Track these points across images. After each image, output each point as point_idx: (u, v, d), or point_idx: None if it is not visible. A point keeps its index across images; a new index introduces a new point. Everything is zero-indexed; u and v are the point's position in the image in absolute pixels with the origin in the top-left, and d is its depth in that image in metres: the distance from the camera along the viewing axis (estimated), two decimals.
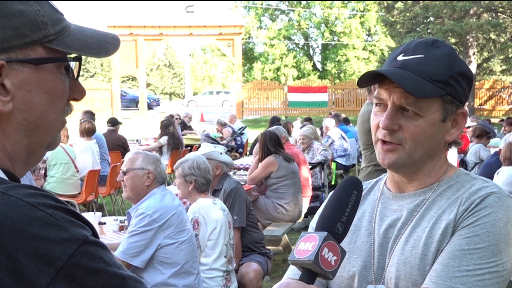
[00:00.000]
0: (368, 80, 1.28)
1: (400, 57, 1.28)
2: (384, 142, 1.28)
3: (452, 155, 6.18)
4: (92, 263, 0.80)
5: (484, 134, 7.92)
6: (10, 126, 0.90)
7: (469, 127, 9.20)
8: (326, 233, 1.09)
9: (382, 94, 1.27)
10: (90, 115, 8.80)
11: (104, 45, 0.97)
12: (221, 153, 4.78)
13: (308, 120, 12.64)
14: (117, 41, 1.00)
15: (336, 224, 1.11)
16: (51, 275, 0.77)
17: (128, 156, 3.62)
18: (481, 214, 1.18)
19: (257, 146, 7.05)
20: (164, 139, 10.00)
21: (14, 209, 0.78)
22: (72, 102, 1.00)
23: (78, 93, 0.99)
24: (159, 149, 9.97)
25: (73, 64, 0.97)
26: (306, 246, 1.08)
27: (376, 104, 1.31)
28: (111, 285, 0.82)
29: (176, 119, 13.29)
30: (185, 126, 13.82)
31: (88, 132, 7.80)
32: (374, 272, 1.30)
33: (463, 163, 8.01)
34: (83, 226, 0.83)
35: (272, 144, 6.33)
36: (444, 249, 1.19)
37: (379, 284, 1.28)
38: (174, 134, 10.08)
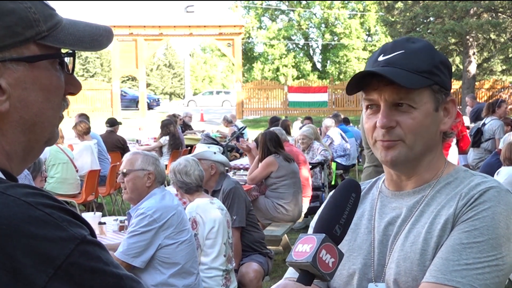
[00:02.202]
0: (356, 85, 1.29)
1: (381, 58, 1.30)
2: (383, 141, 1.29)
3: (453, 155, 6.15)
4: (90, 262, 0.80)
5: None
6: (7, 125, 0.90)
7: (468, 127, 9.19)
8: (324, 235, 1.09)
9: (372, 95, 1.29)
10: (85, 118, 8.76)
11: (97, 38, 0.97)
12: (214, 153, 4.77)
13: (308, 119, 12.62)
14: (110, 33, 0.99)
15: (335, 226, 1.12)
16: (49, 274, 0.77)
17: (126, 157, 3.59)
18: (480, 208, 1.19)
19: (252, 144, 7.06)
20: (164, 139, 9.97)
21: (12, 208, 0.78)
22: (72, 103, 1.00)
23: (73, 87, 0.99)
24: (159, 149, 9.94)
25: (67, 59, 0.97)
26: (304, 248, 1.08)
27: (367, 107, 1.32)
28: (108, 284, 0.82)
29: (180, 119, 13.32)
30: (186, 126, 13.82)
31: (84, 132, 7.76)
32: (374, 269, 1.30)
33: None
34: (81, 225, 0.83)
35: (272, 144, 6.34)
36: (443, 244, 1.20)
37: (380, 283, 1.28)
38: (174, 134, 10.05)
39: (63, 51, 0.96)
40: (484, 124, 8.04)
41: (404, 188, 1.35)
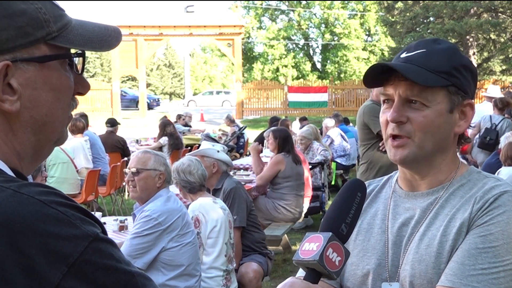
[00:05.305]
0: (374, 78, 1.31)
1: (403, 55, 1.32)
2: (393, 138, 1.30)
3: None
4: (103, 259, 0.82)
5: None
6: (18, 124, 0.91)
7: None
8: (330, 233, 1.11)
9: (388, 90, 1.31)
10: (84, 117, 8.74)
11: (106, 38, 0.98)
12: (218, 151, 4.77)
13: (305, 119, 12.61)
14: (118, 34, 1.01)
15: (341, 225, 1.13)
16: (63, 272, 0.78)
17: (137, 155, 3.54)
18: (495, 213, 1.20)
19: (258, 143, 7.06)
20: (164, 139, 9.97)
21: (26, 207, 0.79)
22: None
23: (82, 87, 1.01)
24: (159, 150, 9.94)
25: (76, 59, 0.98)
26: (311, 246, 1.10)
27: (384, 102, 1.34)
28: (121, 282, 0.83)
29: (183, 119, 13.36)
30: (186, 126, 13.83)
31: (77, 129, 7.73)
32: (388, 270, 1.31)
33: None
34: (93, 223, 0.84)
35: (286, 143, 6.39)
36: (459, 248, 1.21)
37: (394, 282, 1.29)
38: (173, 134, 10.04)
39: (73, 51, 0.97)
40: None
41: (418, 189, 1.35)
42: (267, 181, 6.39)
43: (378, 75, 1.30)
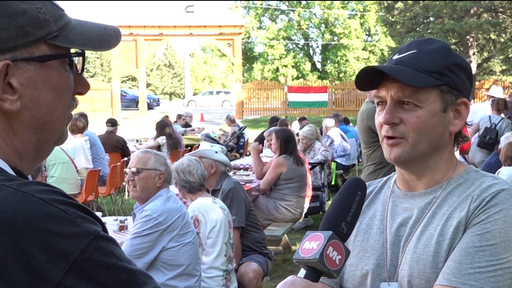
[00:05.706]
0: (367, 81, 1.31)
1: (395, 56, 1.32)
2: (388, 138, 1.30)
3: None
4: (104, 257, 0.82)
5: None
6: (19, 124, 0.91)
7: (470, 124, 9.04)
8: (331, 232, 1.11)
9: (381, 92, 1.31)
10: (84, 117, 8.73)
11: (105, 38, 0.99)
12: (216, 152, 4.77)
13: (304, 119, 12.60)
14: (118, 34, 1.01)
15: (341, 224, 1.14)
16: (64, 270, 0.78)
17: (137, 155, 3.55)
18: (492, 211, 1.20)
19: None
20: (161, 139, 9.95)
21: (27, 205, 0.80)
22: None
23: (82, 87, 1.01)
24: (157, 149, 9.90)
25: (76, 59, 0.99)
26: (311, 245, 1.10)
27: (378, 104, 1.34)
28: (122, 280, 0.83)
29: (183, 119, 13.35)
30: (187, 126, 13.82)
31: (77, 129, 7.72)
32: (387, 270, 1.31)
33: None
34: (94, 221, 0.85)
35: (288, 144, 6.37)
36: (456, 246, 1.21)
37: (393, 282, 1.29)
38: (171, 134, 10.03)
39: (72, 51, 0.97)
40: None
41: (415, 189, 1.35)
42: (270, 185, 6.39)
43: (371, 78, 1.30)
